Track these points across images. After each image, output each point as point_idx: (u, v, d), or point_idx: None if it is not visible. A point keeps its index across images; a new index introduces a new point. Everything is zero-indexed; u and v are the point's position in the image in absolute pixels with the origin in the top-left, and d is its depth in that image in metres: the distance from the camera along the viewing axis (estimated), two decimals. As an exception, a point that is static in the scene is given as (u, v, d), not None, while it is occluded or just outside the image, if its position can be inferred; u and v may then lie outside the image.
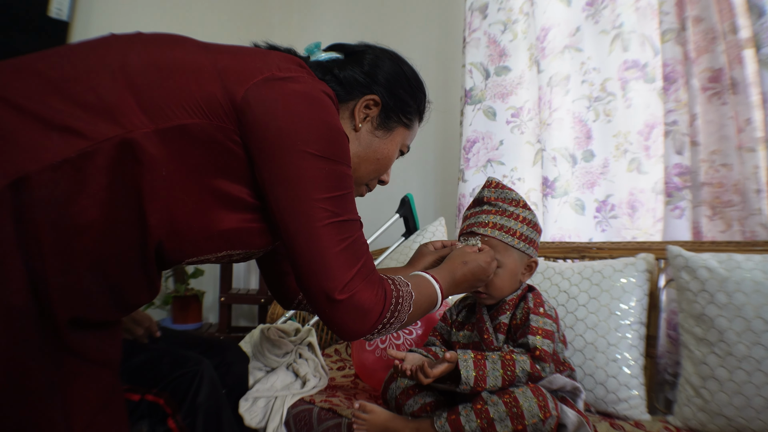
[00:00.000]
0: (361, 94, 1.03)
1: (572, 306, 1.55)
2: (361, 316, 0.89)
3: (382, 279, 0.94)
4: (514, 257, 1.25)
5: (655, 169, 1.93)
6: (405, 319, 0.97)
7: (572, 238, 2.07)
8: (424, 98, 1.14)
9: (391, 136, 1.08)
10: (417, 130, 1.17)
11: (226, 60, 0.88)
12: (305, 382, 1.56)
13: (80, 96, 0.77)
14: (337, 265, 0.87)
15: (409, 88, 1.09)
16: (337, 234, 0.87)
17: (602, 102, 2.07)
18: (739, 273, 1.33)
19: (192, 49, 0.89)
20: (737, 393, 1.25)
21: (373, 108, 1.04)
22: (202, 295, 2.82)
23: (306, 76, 0.92)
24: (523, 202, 1.28)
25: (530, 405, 1.07)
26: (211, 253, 0.92)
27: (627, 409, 1.41)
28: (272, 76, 0.87)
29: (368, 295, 0.89)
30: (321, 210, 0.86)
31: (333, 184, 0.87)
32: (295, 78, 0.89)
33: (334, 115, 0.91)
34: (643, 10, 2.00)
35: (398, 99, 1.06)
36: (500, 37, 2.21)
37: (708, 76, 1.77)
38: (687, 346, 1.39)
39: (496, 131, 2.19)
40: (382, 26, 3.03)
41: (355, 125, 1.04)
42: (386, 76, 1.05)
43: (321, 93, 0.90)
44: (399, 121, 1.08)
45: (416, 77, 1.12)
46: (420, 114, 1.15)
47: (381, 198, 2.88)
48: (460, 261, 1.14)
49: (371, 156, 1.07)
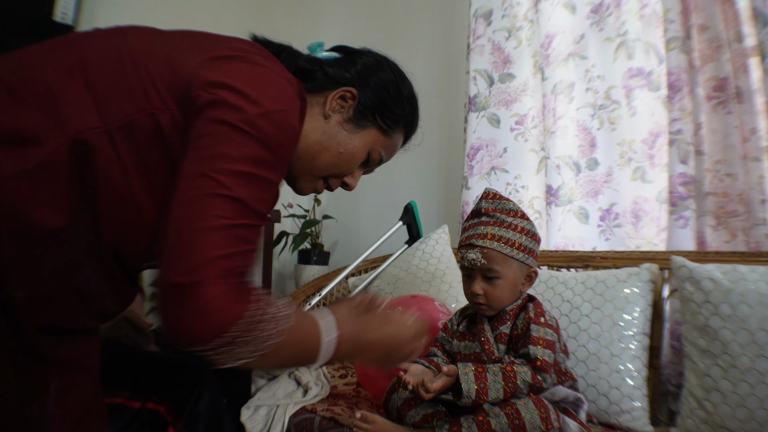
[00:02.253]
0: (341, 85, 0.99)
1: (575, 316, 1.55)
2: (199, 315, 0.68)
3: (248, 286, 0.74)
4: (514, 268, 1.25)
5: (660, 178, 1.93)
6: (267, 348, 0.73)
7: (576, 246, 2.07)
8: (413, 112, 1.09)
9: (361, 133, 1.01)
10: (398, 143, 1.10)
11: (177, 42, 0.84)
12: (307, 390, 1.56)
13: (36, 99, 0.74)
14: (197, 242, 0.69)
15: (398, 99, 1.04)
16: (219, 209, 0.71)
17: (606, 110, 2.07)
18: (744, 284, 1.32)
19: (146, 37, 0.85)
20: (740, 406, 1.24)
21: (349, 101, 0.99)
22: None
23: (261, 58, 0.85)
24: (521, 212, 1.27)
25: (532, 417, 1.07)
26: None
27: (630, 421, 1.40)
28: (219, 55, 0.82)
29: (216, 291, 0.68)
30: (213, 180, 0.72)
31: (250, 161, 0.75)
32: (245, 57, 0.83)
33: (285, 97, 0.82)
34: (647, 18, 1.99)
35: (380, 102, 1.01)
36: (504, 44, 2.21)
37: (713, 84, 1.77)
38: (690, 357, 1.39)
39: (500, 138, 2.19)
40: (387, 33, 3.03)
41: (325, 112, 0.98)
42: (378, 81, 1.02)
43: (277, 75, 0.83)
44: (374, 122, 1.02)
45: (411, 94, 1.08)
46: (405, 127, 1.09)
47: (384, 205, 2.89)
48: (380, 320, 0.94)
49: (333, 147, 0.99)
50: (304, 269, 2.77)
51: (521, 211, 1.28)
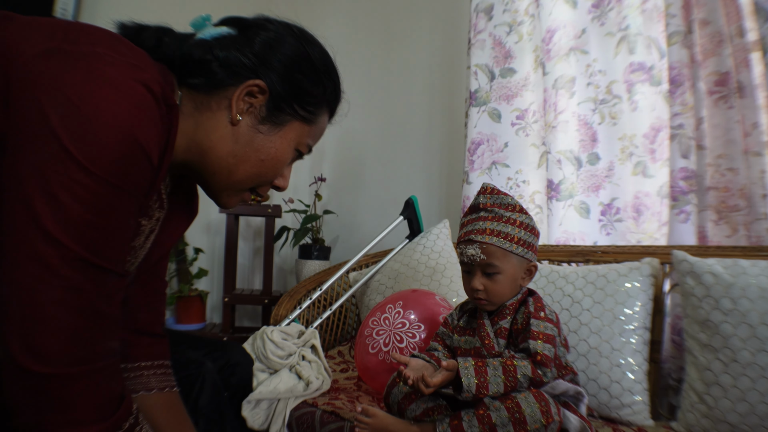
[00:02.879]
0: (245, 78, 0.83)
1: (576, 310, 1.55)
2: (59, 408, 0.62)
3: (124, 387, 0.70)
4: (514, 263, 1.25)
5: (661, 172, 1.93)
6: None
7: (577, 241, 2.07)
8: (334, 87, 0.94)
9: (281, 132, 0.88)
10: (324, 126, 0.96)
11: (17, 29, 0.68)
12: (308, 384, 1.56)
13: None
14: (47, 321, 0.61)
15: (312, 74, 0.89)
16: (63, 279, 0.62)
17: (608, 105, 2.07)
18: (745, 279, 1.32)
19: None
20: (741, 400, 1.24)
21: (258, 96, 0.84)
22: (205, 295, 2.83)
23: (111, 55, 0.69)
24: (519, 207, 1.27)
25: (533, 410, 1.07)
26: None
27: (630, 415, 1.41)
28: (57, 48, 0.66)
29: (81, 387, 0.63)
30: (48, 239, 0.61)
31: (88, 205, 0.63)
32: (88, 53, 0.67)
33: (133, 111, 0.66)
34: (649, 13, 1.99)
35: (294, 86, 0.87)
36: (505, 39, 2.21)
37: (714, 79, 1.77)
38: (691, 351, 1.39)
39: (501, 133, 2.19)
40: (387, 28, 3.03)
41: (232, 118, 0.83)
42: (283, 58, 0.86)
43: (126, 78, 0.67)
44: (293, 114, 0.88)
45: (326, 62, 0.92)
46: (329, 106, 0.95)
47: (385, 200, 2.89)
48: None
49: (252, 156, 0.86)
50: (305, 264, 2.77)
51: (519, 205, 1.28)
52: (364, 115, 3.06)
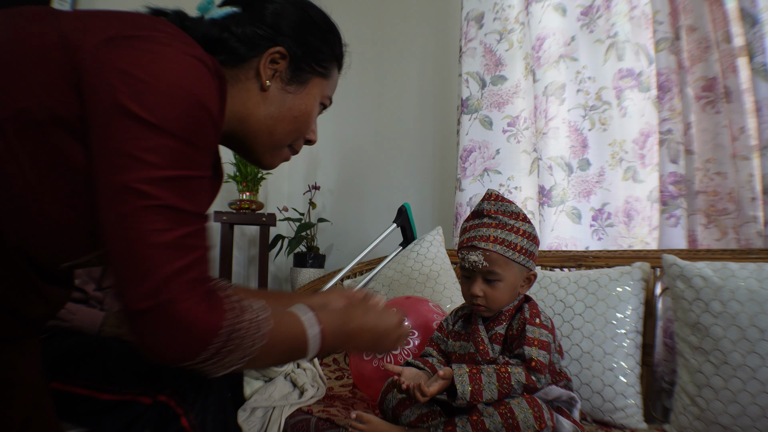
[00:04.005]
0: (265, 48, 0.91)
1: (568, 315, 1.56)
2: (180, 332, 0.69)
3: (216, 291, 0.75)
4: (514, 271, 1.26)
5: (651, 177, 1.95)
6: (253, 353, 0.76)
7: (569, 246, 2.08)
8: (338, 41, 1.04)
9: (306, 89, 0.96)
10: (337, 78, 1.05)
11: (72, 24, 0.74)
12: (303, 392, 1.56)
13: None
14: (150, 261, 0.67)
15: (319, 33, 0.98)
16: (161, 222, 0.68)
17: (598, 111, 2.09)
18: (734, 281, 1.34)
19: (36, 18, 0.77)
20: (733, 401, 1.26)
21: (280, 62, 0.92)
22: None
23: (164, 36, 0.76)
24: (522, 215, 1.28)
25: (526, 416, 1.08)
26: (86, 254, 0.80)
27: (623, 418, 1.42)
28: (117, 35, 0.73)
29: (190, 305, 0.69)
30: (140, 193, 0.68)
31: (169, 162, 0.70)
32: (146, 36, 0.74)
33: (199, 81, 0.74)
34: (637, 20, 2.01)
35: (308, 47, 0.95)
36: (496, 47, 2.23)
37: (702, 84, 1.79)
38: (683, 354, 1.40)
39: (493, 140, 2.21)
40: (379, 37, 3.04)
41: (262, 84, 0.91)
42: (291, 24, 0.94)
43: (183, 54, 0.74)
44: (313, 71, 0.96)
45: (326, 20, 1.02)
46: (337, 59, 1.04)
47: (379, 208, 2.90)
48: (362, 310, 0.98)
49: (287, 114, 0.95)
50: (299, 272, 2.77)
51: (523, 213, 1.29)
52: (357, 124, 3.07)
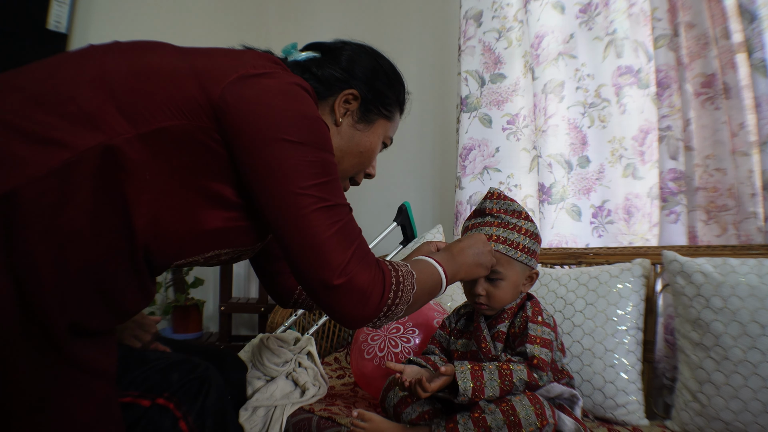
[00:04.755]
0: (340, 89, 1.05)
1: (569, 312, 1.56)
2: (363, 300, 0.88)
3: (378, 260, 0.93)
4: (517, 269, 1.26)
5: (650, 174, 1.95)
6: (411, 300, 0.95)
7: (569, 243, 2.08)
8: (402, 90, 1.15)
9: (372, 128, 1.09)
10: (398, 121, 1.18)
11: (201, 61, 0.89)
12: (305, 390, 1.56)
13: (61, 107, 0.78)
14: (330, 250, 0.86)
15: (387, 81, 1.10)
16: (326, 219, 0.86)
17: (597, 108, 2.09)
18: (734, 277, 1.34)
19: (167, 53, 0.91)
20: (734, 397, 1.26)
21: (352, 102, 1.06)
22: (202, 304, 2.82)
23: (280, 71, 0.93)
24: (524, 214, 1.28)
25: (527, 413, 1.08)
26: (199, 254, 0.92)
27: (625, 415, 1.42)
28: (247, 74, 0.88)
29: (366, 277, 0.88)
30: (307, 197, 0.85)
31: (316, 170, 0.87)
32: (270, 73, 0.90)
33: (311, 105, 0.91)
34: (635, 17, 2.01)
35: (377, 92, 1.08)
36: (495, 45, 2.23)
37: (701, 81, 1.79)
38: (684, 350, 1.40)
39: (492, 138, 2.21)
40: (378, 35, 3.03)
41: (336, 120, 1.05)
42: (364, 70, 1.07)
43: (295, 86, 0.91)
44: (379, 114, 1.09)
45: (394, 70, 1.14)
46: (400, 105, 1.16)
47: (379, 206, 2.89)
48: (457, 243, 1.15)
49: (354, 149, 1.08)
50: (300, 272, 2.77)
51: (525, 212, 1.29)
52: (357, 123, 3.06)
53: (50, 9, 2.28)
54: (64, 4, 2.33)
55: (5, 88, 0.79)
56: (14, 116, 0.75)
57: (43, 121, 0.76)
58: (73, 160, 0.75)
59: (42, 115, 0.76)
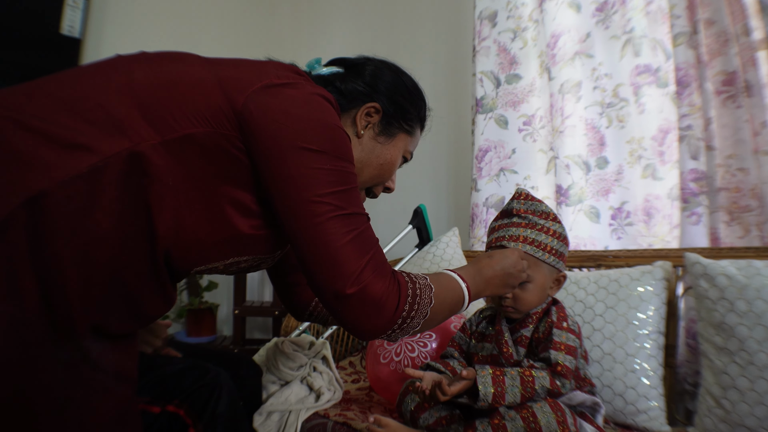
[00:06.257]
0: (362, 102, 1.06)
1: (589, 316, 1.53)
2: (376, 310, 0.86)
3: (394, 271, 0.92)
4: (544, 272, 1.24)
5: (671, 174, 1.91)
6: (428, 314, 0.93)
7: (587, 246, 2.05)
8: (424, 106, 1.17)
9: (393, 141, 1.11)
10: (419, 137, 1.19)
11: (226, 71, 0.91)
12: (319, 395, 1.55)
13: (89, 113, 0.79)
14: (343, 258, 0.85)
15: (408, 97, 1.12)
16: (342, 227, 0.86)
17: (615, 108, 2.06)
18: (759, 280, 1.30)
19: (193, 63, 0.92)
20: (759, 403, 1.22)
21: (374, 115, 1.07)
22: (216, 308, 2.83)
23: (303, 82, 0.94)
24: (552, 215, 1.26)
25: (548, 420, 1.05)
26: (219, 261, 0.93)
27: (646, 421, 1.38)
28: (270, 83, 0.89)
29: (380, 287, 0.86)
30: (324, 204, 0.86)
31: (335, 179, 0.88)
32: (293, 84, 0.92)
33: (333, 114, 0.92)
34: (653, 15, 1.98)
35: (398, 106, 1.09)
36: (510, 45, 2.21)
37: (721, 79, 1.76)
38: (707, 355, 1.37)
39: (508, 139, 2.18)
40: (392, 38, 3.03)
41: (357, 132, 1.07)
42: (386, 85, 1.09)
43: (317, 96, 0.92)
44: (400, 128, 1.11)
45: (415, 86, 1.15)
46: (421, 121, 1.17)
47: (394, 209, 2.88)
48: (486, 257, 1.11)
49: (374, 161, 1.09)
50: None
51: (553, 213, 1.26)
52: (371, 125, 3.05)
53: (64, 14, 2.30)
54: (77, 9, 2.34)
55: (36, 93, 0.81)
56: (42, 121, 0.77)
57: (71, 127, 0.78)
58: (100, 165, 0.77)
59: (70, 121, 0.78)
